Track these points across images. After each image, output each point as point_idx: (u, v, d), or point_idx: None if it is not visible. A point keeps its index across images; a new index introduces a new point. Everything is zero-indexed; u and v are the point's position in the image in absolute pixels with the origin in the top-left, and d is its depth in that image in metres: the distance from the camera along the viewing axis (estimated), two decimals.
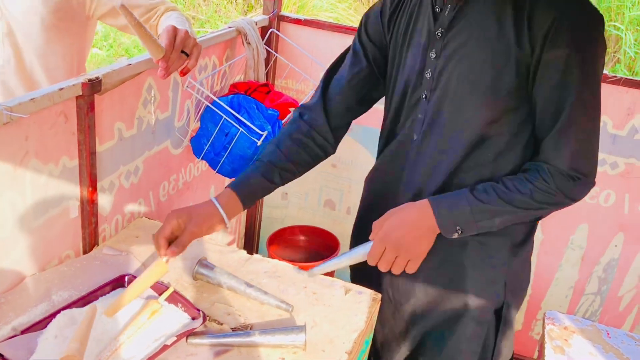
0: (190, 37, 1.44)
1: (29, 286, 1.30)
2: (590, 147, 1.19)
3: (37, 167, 1.27)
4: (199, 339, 1.17)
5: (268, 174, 1.33)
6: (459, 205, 1.21)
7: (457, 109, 1.23)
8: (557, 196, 1.19)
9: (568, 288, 2.35)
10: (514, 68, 1.15)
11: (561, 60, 1.12)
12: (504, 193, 1.20)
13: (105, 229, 1.54)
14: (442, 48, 1.22)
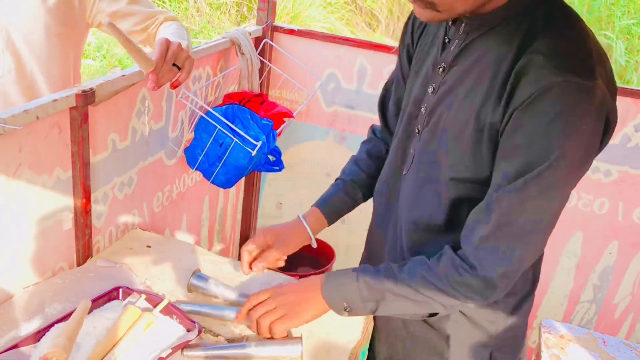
0: (183, 50, 1.43)
1: (22, 299, 1.28)
2: (511, 241, 1.00)
3: (30, 179, 1.26)
4: (194, 351, 1.16)
5: (350, 192, 1.37)
6: (347, 282, 1.14)
7: (441, 155, 1.10)
8: (442, 283, 1.05)
9: (563, 296, 2.36)
10: (484, 133, 1.01)
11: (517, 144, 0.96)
12: (391, 272, 1.10)
13: (99, 240, 1.53)
14: (439, 85, 1.11)
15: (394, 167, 1.27)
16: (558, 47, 0.95)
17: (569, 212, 2.21)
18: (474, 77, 1.03)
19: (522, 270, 1.05)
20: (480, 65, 1.02)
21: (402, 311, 1.14)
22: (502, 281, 1.04)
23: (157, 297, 1.27)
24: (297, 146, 2.47)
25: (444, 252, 1.08)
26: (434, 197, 1.13)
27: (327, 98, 2.37)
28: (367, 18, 7.27)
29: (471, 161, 1.05)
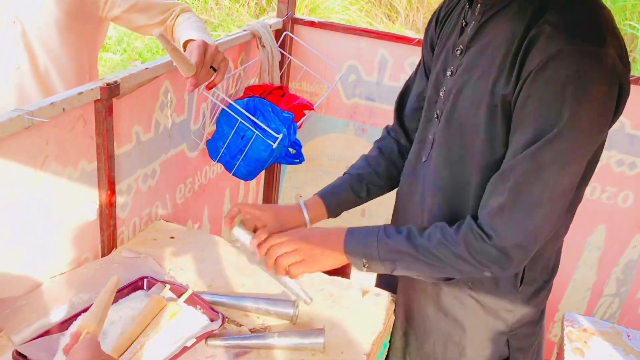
0: (219, 52, 1.48)
1: (49, 289, 1.31)
2: (521, 211, 1.00)
3: (56, 171, 1.28)
4: (218, 341, 1.18)
5: (356, 188, 1.36)
6: (367, 240, 1.14)
7: (459, 140, 1.11)
8: (462, 257, 1.05)
9: (586, 289, 2.33)
10: (501, 111, 1.02)
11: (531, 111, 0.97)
12: (413, 236, 1.10)
13: (123, 231, 1.55)
14: (457, 67, 1.12)
15: (415, 156, 1.27)
16: (568, 18, 0.96)
17: (592, 205, 2.18)
18: (489, 55, 1.04)
19: (538, 242, 1.04)
20: (495, 43, 1.03)
21: (418, 272, 1.15)
22: (517, 252, 1.03)
23: (181, 287, 1.29)
24: (317, 139, 2.47)
25: (465, 220, 1.08)
26: (455, 180, 1.13)
27: (348, 90, 2.37)
28: (387, 10, 7.23)
29: (487, 140, 1.05)
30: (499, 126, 1.03)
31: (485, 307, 1.20)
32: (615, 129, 2.07)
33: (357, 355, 1.21)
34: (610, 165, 2.12)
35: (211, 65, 1.46)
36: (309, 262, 1.16)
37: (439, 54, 1.21)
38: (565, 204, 1.04)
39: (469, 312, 1.22)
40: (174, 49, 1.33)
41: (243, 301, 1.30)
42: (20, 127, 1.14)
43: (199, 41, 1.45)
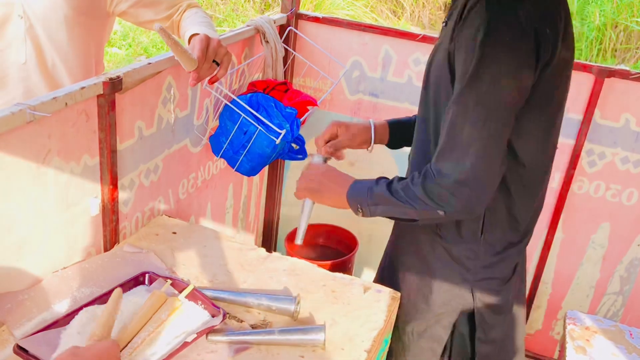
0: (222, 46, 1.48)
1: (51, 283, 1.31)
2: (459, 148, 1.14)
3: (59, 165, 1.28)
4: (219, 336, 1.18)
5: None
6: (364, 188, 1.30)
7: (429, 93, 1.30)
8: (420, 194, 1.20)
9: (589, 287, 2.32)
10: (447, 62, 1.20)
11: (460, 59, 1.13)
12: (391, 182, 1.27)
13: (125, 226, 1.56)
14: (443, 36, 1.29)
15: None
16: None
17: (596, 203, 2.17)
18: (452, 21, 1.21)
19: (481, 182, 1.15)
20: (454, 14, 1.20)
21: (392, 214, 1.29)
22: (461, 190, 1.15)
23: (182, 282, 1.29)
24: None
25: (424, 170, 1.22)
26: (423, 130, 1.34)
27: (351, 86, 2.36)
28: (392, 5, 7.20)
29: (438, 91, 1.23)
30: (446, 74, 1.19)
31: (450, 253, 1.35)
32: (620, 126, 2.06)
33: (358, 352, 1.21)
34: (615, 162, 2.10)
35: (214, 60, 1.46)
36: (314, 191, 1.40)
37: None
38: (498, 147, 1.15)
39: (437, 257, 1.37)
40: (175, 43, 1.33)
41: (244, 297, 1.30)
42: (23, 121, 1.14)
43: (202, 35, 1.45)
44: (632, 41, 6.02)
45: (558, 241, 2.28)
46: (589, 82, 2.01)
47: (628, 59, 5.96)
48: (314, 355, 1.18)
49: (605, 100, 2.03)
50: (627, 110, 2.04)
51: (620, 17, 6.01)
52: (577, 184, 2.17)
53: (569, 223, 2.24)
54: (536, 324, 2.43)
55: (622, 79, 1.99)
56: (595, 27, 5.97)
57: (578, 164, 2.12)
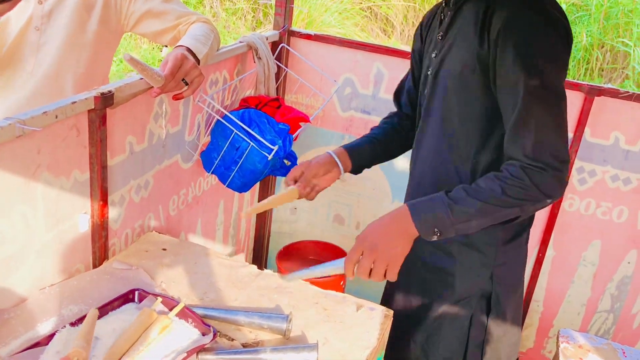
0: (195, 68, 1.49)
1: (38, 300, 1.29)
2: (552, 136, 1.20)
3: (48, 180, 1.27)
4: (209, 355, 1.16)
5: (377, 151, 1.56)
6: (435, 208, 1.22)
7: (442, 105, 1.35)
8: (530, 190, 1.19)
9: (580, 305, 2.32)
10: (477, 67, 1.25)
11: (509, 58, 1.18)
12: (476, 192, 1.21)
13: (115, 242, 1.54)
14: (440, 49, 1.36)
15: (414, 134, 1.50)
16: None
17: (587, 220, 2.18)
18: (463, 32, 1.29)
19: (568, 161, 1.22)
20: (466, 22, 1.28)
21: (484, 226, 1.25)
22: (565, 168, 1.21)
23: (172, 300, 1.27)
24: (313, 151, 2.47)
25: (511, 167, 1.21)
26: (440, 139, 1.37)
27: (343, 103, 2.36)
28: (382, 24, 7.27)
29: (466, 99, 1.29)
30: (474, 79, 1.25)
31: (470, 241, 1.38)
32: (610, 144, 2.07)
33: None
34: (605, 180, 2.12)
35: (184, 79, 1.48)
36: (392, 265, 1.22)
37: (427, 51, 1.44)
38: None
39: (456, 246, 1.40)
40: (143, 69, 1.36)
41: (235, 315, 1.28)
42: (12, 135, 1.12)
43: (177, 53, 1.45)
44: (618, 61, 6.11)
45: (549, 259, 2.28)
46: (579, 100, 2.03)
47: (614, 78, 6.05)
48: None
49: (595, 118, 2.05)
50: (617, 128, 2.05)
51: (607, 37, 6.11)
52: (568, 201, 2.18)
53: (560, 241, 2.25)
54: (528, 342, 2.42)
55: (611, 97, 2.01)
56: (583, 47, 6.06)
57: (569, 181, 2.14)
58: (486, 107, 1.28)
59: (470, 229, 1.24)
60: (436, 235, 1.23)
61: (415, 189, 1.49)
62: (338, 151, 1.52)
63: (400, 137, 1.60)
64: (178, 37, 1.70)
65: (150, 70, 1.37)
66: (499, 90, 1.23)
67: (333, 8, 6.60)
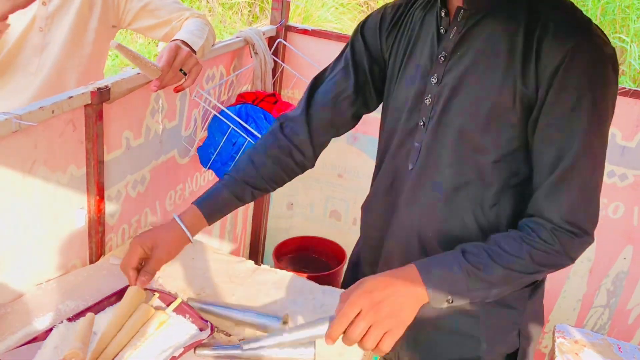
0: (191, 57, 1.48)
1: (35, 296, 1.28)
2: (593, 199, 1.07)
3: (45, 176, 1.26)
4: (206, 351, 1.16)
5: (239, 193, 1.27)
6: (451, 273, 1.03)
7: (455, 141, 1.12)
8: (557, 256, 1.05)
9: (576, 301, 2.33)
10: (516, 105, 1.05)
11: (569, 102, 1.01)
12: (499, 256, 1.04)
13: (111, 238, 1.53)
14: (444, 74, 1.13)
15: (397, 166, 1.24)
16: (563, 15, 1.05)
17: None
18: (487, 56, 1.08)
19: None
20: (491, 45, 1.07)
21: (505, 293, 1.10)
22: (594, 230, 1.08)
23: (170, 295, 1.27)
24: None
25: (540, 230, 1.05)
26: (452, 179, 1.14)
27: None
28: None
29: (490, 138, 1.09)
30: (508, 121, 1.07)
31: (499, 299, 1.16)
32: None
33: None
34: None
35: (182, 69, 1.46)
36: (396, 328, 0.99)
37: (403, 68, 1.21)
38: None
39: (482, 306, 1.20)
40: (135, 57, 1.31)
41: (232, 312, 1.28)
42: (8, 130, 1.12)
43: (172, 45, 1.46)
44: None
45: None
46: None
47: None
48: None
49: None
50: (613, 124, 2.05)
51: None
52: None
53: None
54: None
55: None
56: None
57: None
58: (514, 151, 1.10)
59: (488, 297, 1.07)
60: (448, 302, 1.03)
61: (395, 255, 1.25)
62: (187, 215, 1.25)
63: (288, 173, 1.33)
64: (171, 33, 1.70)
65: (143, 59, 1.35)
66: (541, 137, 1.05)
67: (330, 3, 6.59)
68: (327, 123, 1.32)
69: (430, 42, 1.16)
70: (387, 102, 1.28)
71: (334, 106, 1.30)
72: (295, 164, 1.32)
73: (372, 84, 1.31)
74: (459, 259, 1.04)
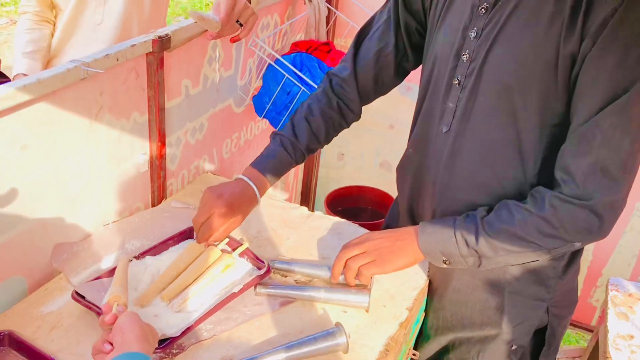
0: (248, 7, 1.48)
1: (103, 235, 1.36)
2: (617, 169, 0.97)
3: (110, 122, 1.32)
4: (265, 289, 1.21)
5: (299, 158, 1.29)
6: (443, 235, 1.09)
7: (494, 101, 1.06)
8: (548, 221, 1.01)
9: (631, 256, 2.29)
10: (560, 58, 0.98)
11: (616, 57, 0.93)
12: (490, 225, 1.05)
13: (172, 183, 1.60)
14: (483, 27, 1.05)
15: (426, 128, 1.21)
16: None
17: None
18: (530, 7, 0.99)
19: (625, 201, 1.01)
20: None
21: (504, 264, 1.11)
22: (610, 213, 0.99)
23: (236, 241, 1.31)
24: None
25: (539, 194, 1.03)
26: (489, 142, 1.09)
27: None
28: None
29: (540, 96, 1.01)
30: (554, 80, 0.99)
31: (531, 272, 1.18)
32: None
33: (400, 310, 1.23)
34: None
35: (238, 20, 1.47)
36: (379, 262, 1.14)
37: (442, 19, 1.14)
38: None
39: (509, 278, 1.20)
40: (201, 18, 1.38)
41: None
42: (77, 78, 1.17)
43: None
44: None
45: None
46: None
47: None
48: (356, 312, 1.21)
49: None
50: None
51: None
52: None
53: None
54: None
55: None
56: None
57: None
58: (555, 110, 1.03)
59: (487, 265, 1.09)
60: (445, 263, 1.12)
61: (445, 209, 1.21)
62: (254, 177, 1.24)
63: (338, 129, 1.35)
64: None
65: (207, 18, 1.39)
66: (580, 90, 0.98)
67: None
68: (372, 81, 1.31)
69: None
70: (425, 56, 1.23)
71: (377, 62, 1.28)
72: (346, 122, 1.36)
73: (414, 37, 1.27)
74: (455, 225, 1.08)
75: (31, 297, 1.19)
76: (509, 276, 1.20)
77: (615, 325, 1.43)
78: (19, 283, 1.21)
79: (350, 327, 1.16)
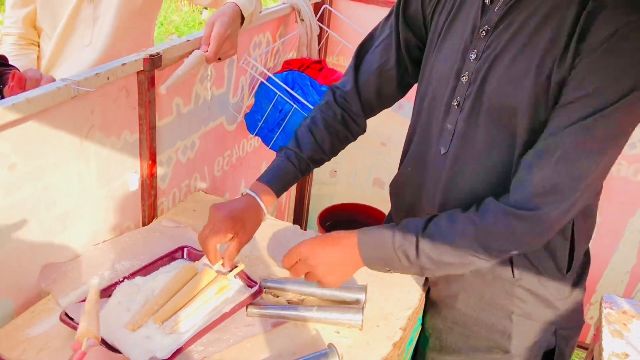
0: (233, 47, 1.50)
1: (92, 256, 1.35)
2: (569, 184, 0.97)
3: (101, 140, 1.31)
4: (258, 310, 1.19)
5: (304, 169, 1.28)
6: (383, 239, 1.07)
7: (492, 123, 1.06)
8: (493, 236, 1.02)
9: (624, 272, 2.29)
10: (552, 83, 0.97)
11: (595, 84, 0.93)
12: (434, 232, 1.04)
13: (163, 202, 1.58)
14: (483, 49, 1.05)
15: (424, 149, 1.20)
16: None
17: (634, 186, 2.13)
18: (530, 31, 0.99)
19: (572, 215, 1.02)
20: (537, 18, 0.98)
21: (447, 273, 1.11)
22: (557, 223, 1.01)
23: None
24: None
25: (484, 204, 1.03)
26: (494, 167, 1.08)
27: None
28: None
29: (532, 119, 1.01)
30: (546, 103, 0.99)
31: (537, 295, 1.18)
32: None
33: (393, 329, 1.22)
34: None
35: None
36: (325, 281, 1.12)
37: (442, 40, 1.14)
38: (604, 178, 1.02)
39: (516, 301, 1.19)
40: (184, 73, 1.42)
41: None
42: (67, 96, 1.16)
43: (220, 30, 1.44)
44: None
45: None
46: None
47: None
48: (349, 332, 1.19)
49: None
50: None
51: None
52: (616, 167, 2.13)
53: (606, 206, 2.20)
54: None
55: None
56: None
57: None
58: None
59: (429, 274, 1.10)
60: (389, 272, 1.10)
61: None
62: (262, 192, 1.22)
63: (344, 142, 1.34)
64: (221, 0, 1.71)
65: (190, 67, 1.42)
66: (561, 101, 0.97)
67: None
68: (375, 94, 1.30)
69: (473, 14, 1.07)
70: (422, 74, 1.21)
71: (379, 77, 1.28)
72: (350, 133, 1.34)
73: (414, 53, 1.26)
74: (394, 233, 1.07)
75: (17, 320, 1.16)
76: (516, 299, 1.19)
77: (609, 344, 1.42)
78: (6, 304, 1.19)
79: (343, 348, 1.14)
